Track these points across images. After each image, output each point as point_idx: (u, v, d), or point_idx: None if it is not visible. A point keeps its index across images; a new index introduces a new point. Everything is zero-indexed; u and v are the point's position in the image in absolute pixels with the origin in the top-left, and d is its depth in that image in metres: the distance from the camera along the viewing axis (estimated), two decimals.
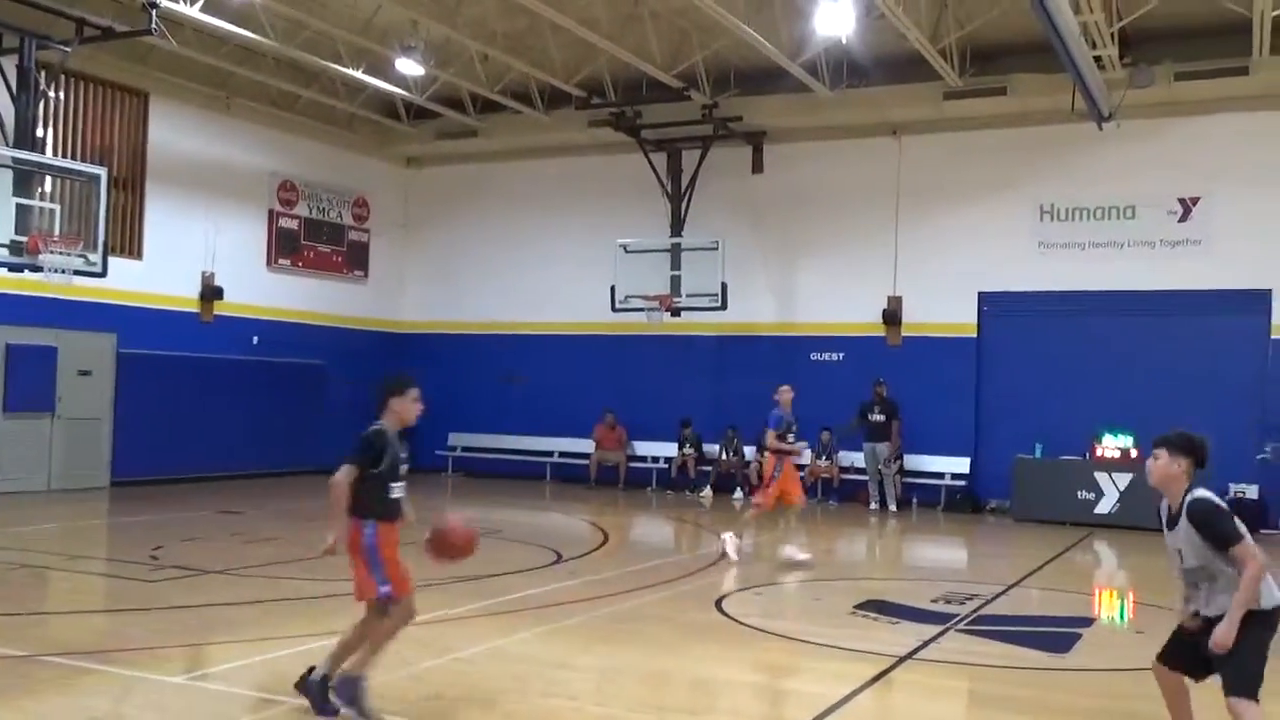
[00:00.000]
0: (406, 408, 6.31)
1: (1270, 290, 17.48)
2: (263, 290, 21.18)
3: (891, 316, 19.76)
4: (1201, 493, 5.09)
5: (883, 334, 19.88)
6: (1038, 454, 17.72)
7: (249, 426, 20.40)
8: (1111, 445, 17.15)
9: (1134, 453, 16.51)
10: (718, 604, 9.93)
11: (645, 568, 12.27)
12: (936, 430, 18.94)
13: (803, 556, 12.46)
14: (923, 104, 18.79)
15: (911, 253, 19.68)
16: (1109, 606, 11.78)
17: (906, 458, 19.12)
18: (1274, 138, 17.44)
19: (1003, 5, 16.06)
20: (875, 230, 19.91)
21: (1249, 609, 4.89)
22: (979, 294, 19.36)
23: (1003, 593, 11.02)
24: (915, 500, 19.14)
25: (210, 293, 20.01)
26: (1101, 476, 16.89)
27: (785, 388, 13.21)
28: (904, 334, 19.75)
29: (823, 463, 19.50)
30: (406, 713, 6.28)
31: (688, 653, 8.17)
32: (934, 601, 10.26)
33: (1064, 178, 18.75)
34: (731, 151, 20.74)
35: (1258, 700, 4.88)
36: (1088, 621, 10.12)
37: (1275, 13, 14.98)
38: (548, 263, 22.32)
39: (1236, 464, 16.42)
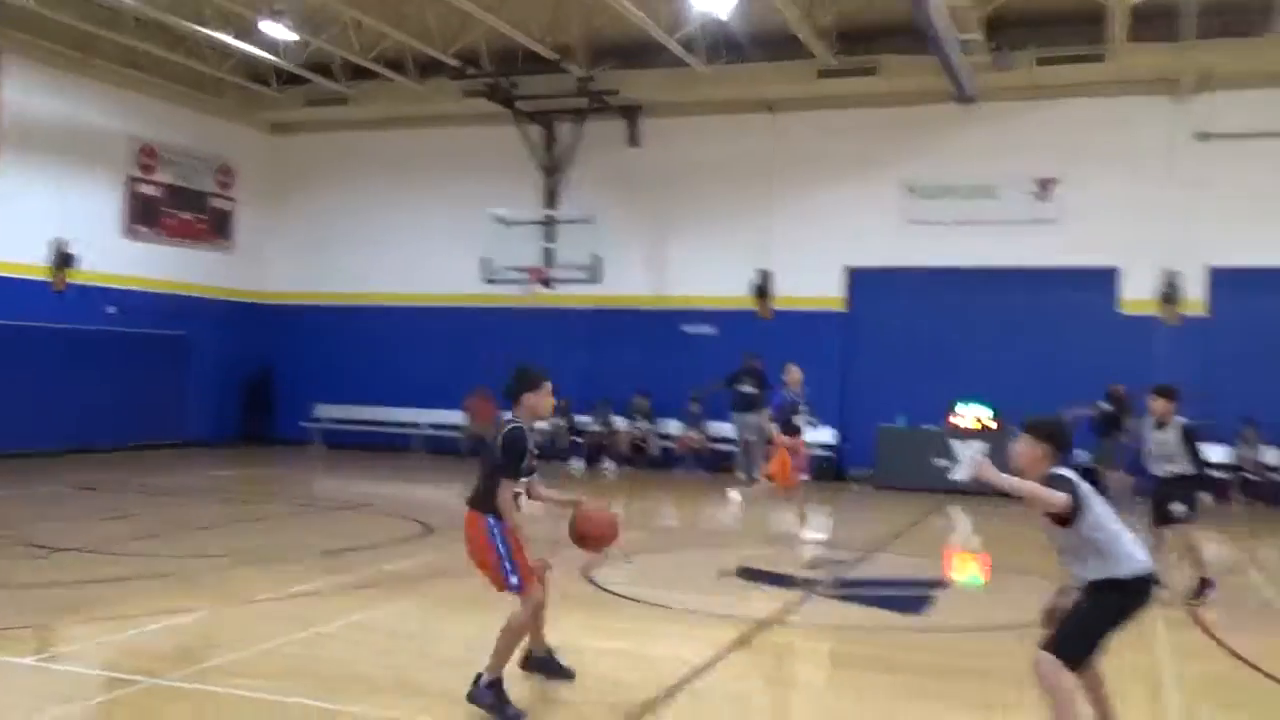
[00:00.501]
0: (540, 401, 6.17)
1: (1118, 268, 18.24)
2: (120, 258, 20.35)
3: (763, 290, 20.02)
4: (1055, 471, 5.04)
5: (754, 307, 20.12)
6: (901, 424, 18.19)
7: (107, 398, 19.62)
8: (967, 414, 17.68)
9: (992, 423, 17.06)
10: (585, 572, 9.93)
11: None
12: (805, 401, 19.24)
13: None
14: (797, 81, 19.01)
15: (784, 227, 19.96)
16: (962, 569, 12.18)
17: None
18: (1127, 122, 18.16)
19: None
20: (749, 205, 20.13)
21: (1109, 576, 4.90)
22: (848, 269, 19.74)
23: (863, 558, 11.30)
24: None
25: (62, 260, 19.15)
26: (957, 444, 17.39)
27: (794, 368, 13.04)
28: (775, 307, 20.03)
29: (692, 433, 19.69)
30: (271, 689, 6.13)
31: (555, 621, 8.07)
32: (799, 566, 10.46)
33: (931, 157, 19.21)
34: (607, 125, 20.68)
35: (1069, 668, 4.86)
36: (940, 584, 10.46)
37: (1131, 1, 15.54)
38: (418, 233, 21.98)
39: (1080, 435, 17.05)
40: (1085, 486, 5.02)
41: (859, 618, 8.55)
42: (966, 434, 17.42)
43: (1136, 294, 18.19)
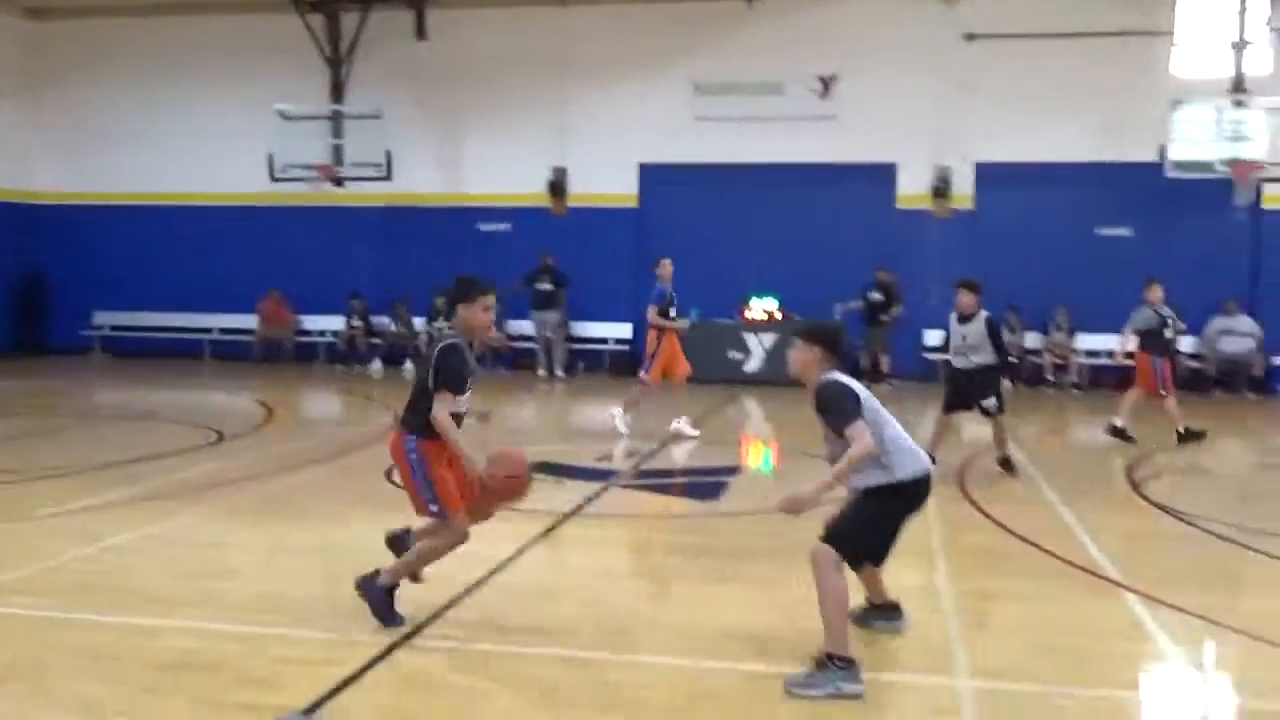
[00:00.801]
0: (474, 316, 5.78)
1: (896, 164, 19.01)
2: None
3: (557, 187, 19.96)
4: (829, 377, 5.14)
5: (549, 205, 20.05)
6: (694, 318, 18.56)
7: None
8: (759, 308, 18.28)
9: (779, 314, 17.69)
10: (387, 474, 9.88)
11: (312, 442, 12.00)
12: (600, 298, 19.47)
13: (691, 431, 12.36)
14: None
15: (576, 125, 19.86)
16: (754, 456, 12.70)
17: (573, 324, 19.59)
18: (900, 21, 18.74)
19: None
20: (542, 101, 19.90)
21: (887, 482, 5.07)
22: (640, 166, 19.85)
23: (660, 448, 11.63)
24: (582, 365, 19.71)
25: None
26: (750, 337, 18.05)
27: (665, 261, 13.03)
28: (569, 204, 20.02)
29: (492, 333, 19.63)
30: (56, 606, 5.92)
31: (357, 523, 8.11)
32: (598, 460, 10.69)
33: (719, 53, 19.37)
34: (394, 16, 19.95)
35: (843, 562, 5.01)
36: (735, 470, 10.89)
37: None
38: (200, 129, 20.77)
39: (854, 325, 17.90)
40: (863, 395, 5.15)
41: (658, 506, 8.85)
42: (758, 326, 18.03)
43: (912, 189, 19.02)
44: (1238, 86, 16.96)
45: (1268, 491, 10.52)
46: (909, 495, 5.19)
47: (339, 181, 19.04)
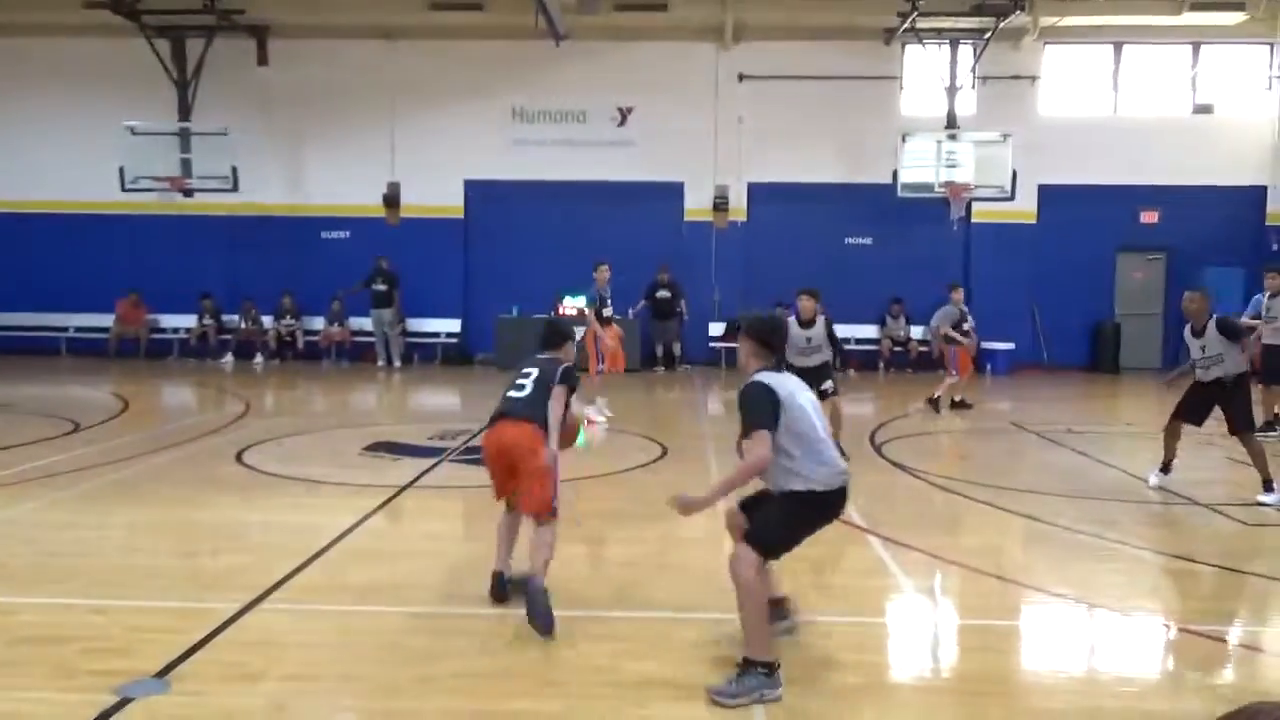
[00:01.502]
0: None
1: (683, 182, 19.33)
2: None
3: (391, 200, 19.41)
4: (757, 378, 4.49)
5: (384, 215, 19.49)
6: (515, 313, 18.47)
7: None
8: (570, 305, 18.23)
9: (588, 310, 17.67)
10: (239, 456, 9.42)
11: (167, 429, 11.30)
12: (432, 296, 19.05)
13: (602, 417, 11.84)
14: (411, 12, 18.26)
15: (408, 144, 19.34)
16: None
17: (408, 320, 19.12)
18: (684, 63, 19.04)
19: None
20: (375, 123, 19.29)
21: (805, 489, 4.40)
22: (465, 181, 19.51)
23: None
24: (416, 356, 19.26)
25: None
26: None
27: (604, 266, 12.75)
28: (403, 215, 19.49)
29: (335, 328, 18.99)
30: None
31: (212, 502, 7.71)
32: (430, 439, 10.46)
33: (532, 85, 19.21)
34: (238, 43, 18.91)
35: (765, 559, 4.46)
36: None
37: None
38: (57, 143, 19.06)
39: (645, 321, 18.18)
40: (787, 401, 4.41)
41: (480, 478, 8.65)
42: (570, 321, 17.98)
43: (696, 204, 19.35)
44: (951, 123, 17.98)
45: (979, 452, 11.21)
46: (825, 505, 4.49)
47: (188, 192, 17.96)
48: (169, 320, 19.55)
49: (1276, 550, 6.97)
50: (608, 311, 12.63)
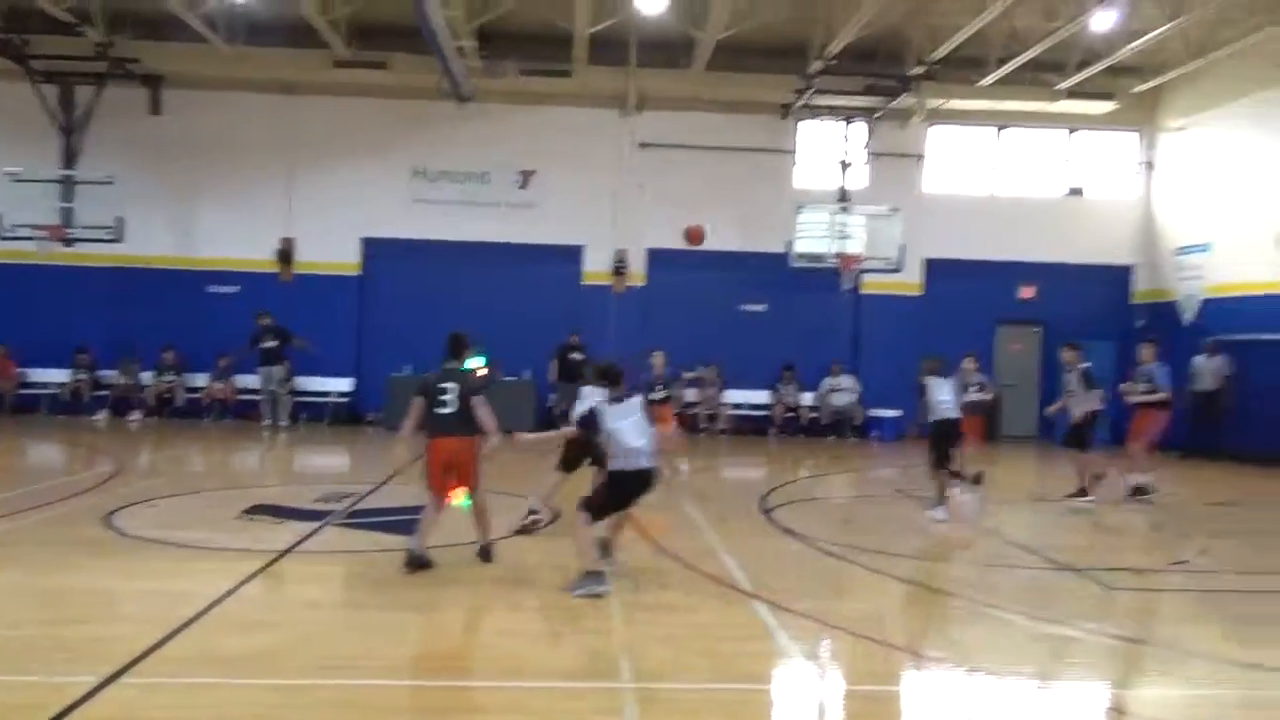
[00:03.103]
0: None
1: (582, 246, 19.52)
2: None
3: (285, 255, 19.09)
4: (594, 403, 7.29)
5: (276, 270, 19.13)
6: (409, 373, 18.23)
7: None
8: (470, 365, 18.10)
9: (482, 371, 17.56)
10: (108, 519, 9.02)
11: (32, 489, 10.73)
12: (323, 354, 18.63)
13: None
14: (314, 69, 18.17)
15: (304, 199, 19.13)
16: (457, 494, 12.43)
17: (296, 379, 18.68)
18: (587, 129, 19.36)
19: None
20: (271, 177, 19.06)
21: (616, 469, 7.02)
22: (362, 239, 19.33)
23: (374, 490, 11.25)
24: (304, 416, 18.80)
25: None
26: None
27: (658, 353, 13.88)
28: (296, 271, 19.17)
29: (219, 385, 18.44)
30: None
31: (78, 567, 7.34)
32: (315, 501, 10.20)
33: (434, 145, 19.27)
34: (130, 92, 18.52)
35: (594, 517, 6.98)
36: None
37: (590, 31, 16.51)
38: None
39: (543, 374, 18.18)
40: (605, 412, 7.05)
41: (369, 542, 8.53)
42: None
43: (596, 268, 19.56)
44: (843, 197, 18.65)
45: (864, 516, 11.46)
46: (623, 480, 7.03)
47: (68, 242, 17.32)
48: (40, 375, 18.68)
49: (1135, 612, 7.29)
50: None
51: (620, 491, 7.08)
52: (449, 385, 7.58)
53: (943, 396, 10.72)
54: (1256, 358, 16.57)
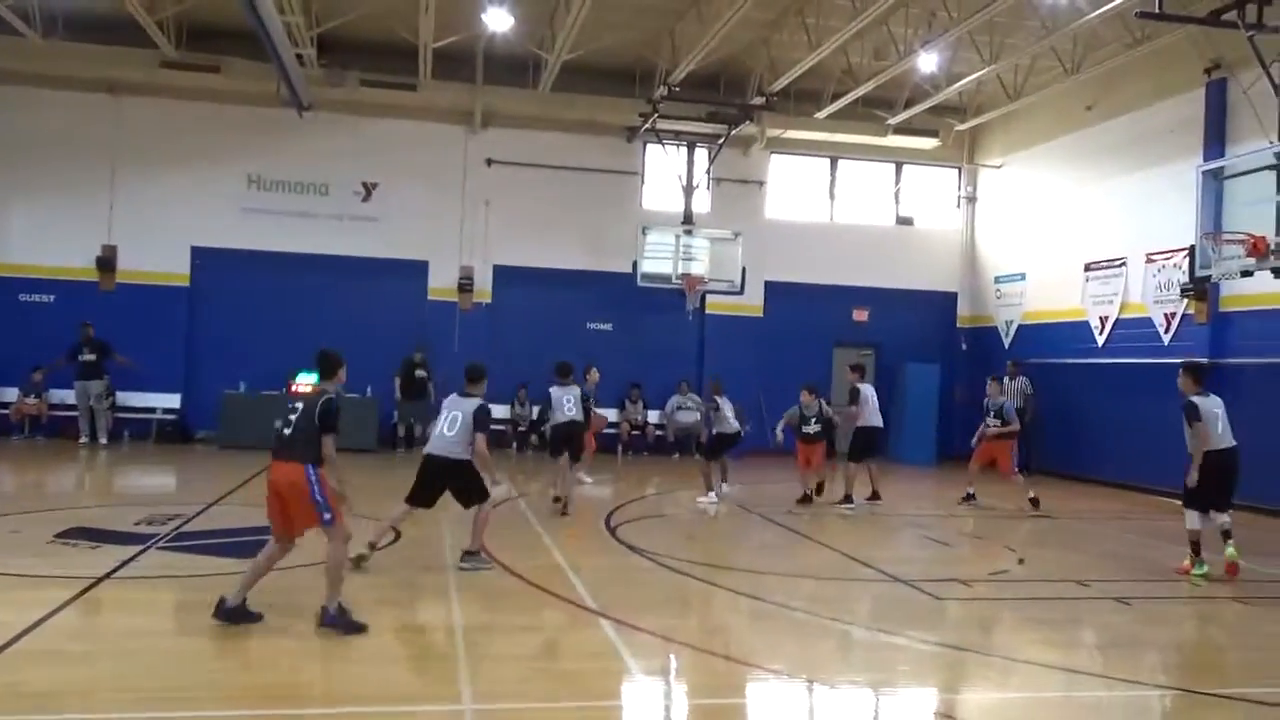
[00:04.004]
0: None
1: (428, 261, 19.18)
2: None
3: (106, 264, 17.97)
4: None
5: (96, 279, 17.98)
6: (242, 389, 17.47)
7: None
8: (304, 382, 17.44)
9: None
10: None
11: None
12: (149, 369, 17.57)
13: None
14: (140, 68, 17.25)
15: (129, 205, 18.07)
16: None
17: (119, 394, 17.56)
18: (432, 143, 19.07)
19: None
20: (92, 181, 17.93)
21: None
22: (193, 248, 18.41)
23: (203, 511, 10.68)
24: (127, 433, 17.68)
25: None
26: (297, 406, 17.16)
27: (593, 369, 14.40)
28: (119, 280, 18.06)
29: (31, 400, 17.15)
30: None
31: None
32: (137, 524, 9.59)
33: (271, 154, 18.57)
34: None
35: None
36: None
37: (435, 46, 16.29)
38: None
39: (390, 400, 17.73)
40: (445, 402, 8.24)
41: (196, 565, 8.07)
42: (304, 398, 17.20)
43: (441, 284, 19.23)
44: (687, 219, 19.00)
45: (706, 533, 11.66)
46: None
47: None
48: None
49: (962, 621, 7.66)
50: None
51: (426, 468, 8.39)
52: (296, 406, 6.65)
53: (728, 414, 13.52)
54: (1063, 379, 17.80)
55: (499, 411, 18.72)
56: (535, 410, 18.86)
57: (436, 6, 14.34)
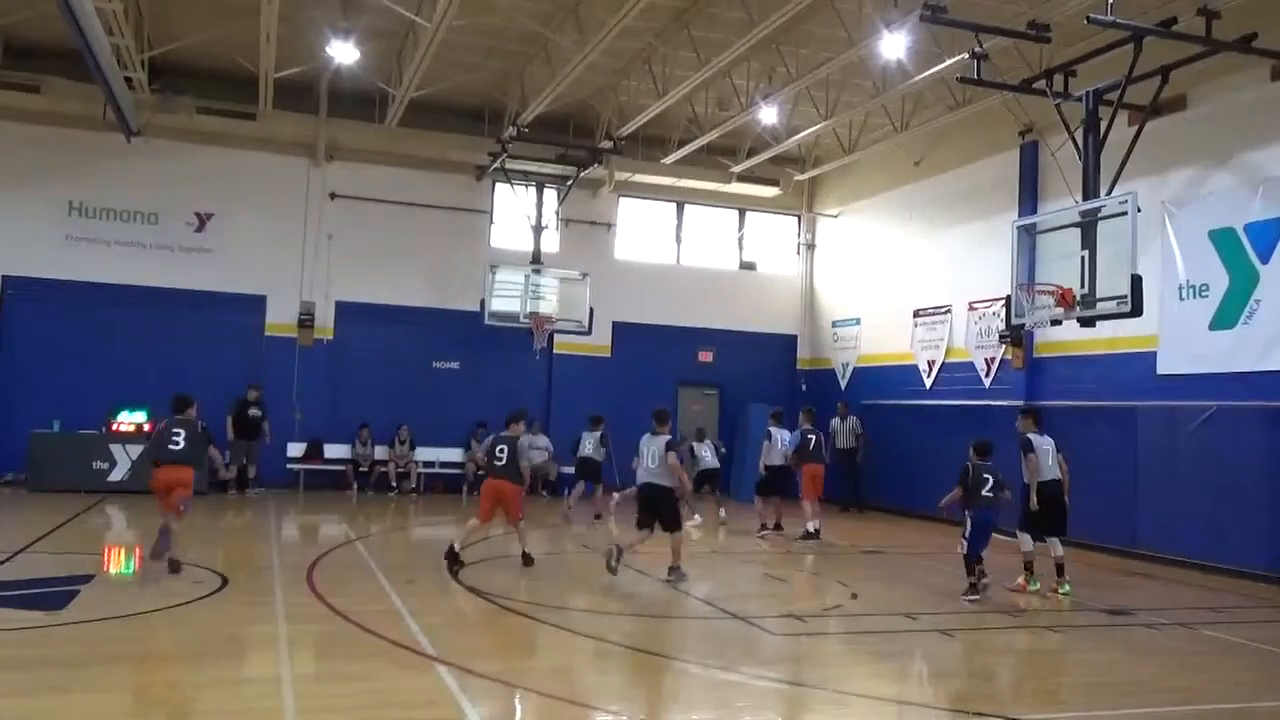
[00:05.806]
0: None
1: (266, 296, 18.48)
2: None
3: None
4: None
5: None
6: (55, 429, 16.33)
7: None
8: (127, 420, 16.50)
9: (147, 426, 16.08)
10: None
11: None
12: None
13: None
14: None
15: None
16: (114, 562, 11.24)
17: None
18: (271, 175, 18.51)
19: (40, 6, 14.42)
20: None
21: None
22: (4, 277, 17.18)
23: (7, 560, 9.86)
24: None
25: None
26: (116, 448, 16.19)
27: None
28: None
29: None
30: None
31: None
32: None
33: (95, 180, 17.59)
34: None
35: None
36: (88, 579, 9.49)
37: (277, 76, 15.85)
38: None
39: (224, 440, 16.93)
40: None
41: (6, 620, 7.42)
42: (125, 437, 16.23)
43: (280, 319, 18.55)
44: (536, 259, 19.00)
45: (548, 572, 11.51)
46: None
47: None
48: None
49: (798, 657, 7.82)
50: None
51: None
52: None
53: (705, 454, 15.27)
54: (895, 419, 18.60)
55: (339, 451, 18.18)
56: (377, 450, 18.39)
57: (280, 37, 13.98)
